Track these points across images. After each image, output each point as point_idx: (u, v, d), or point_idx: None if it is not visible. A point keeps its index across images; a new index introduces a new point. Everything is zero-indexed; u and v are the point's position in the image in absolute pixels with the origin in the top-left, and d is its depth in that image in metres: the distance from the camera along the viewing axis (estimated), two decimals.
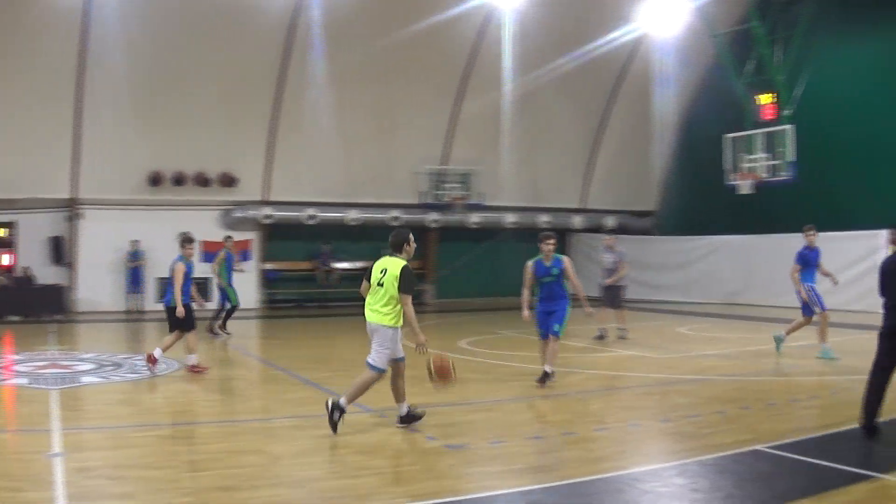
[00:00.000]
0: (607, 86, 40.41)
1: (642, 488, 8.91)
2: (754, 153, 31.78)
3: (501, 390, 15.20)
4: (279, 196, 35.45)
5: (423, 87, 36.29)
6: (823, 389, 14.88)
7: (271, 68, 33.41)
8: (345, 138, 34.99)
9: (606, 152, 41.95)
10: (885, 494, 8.45)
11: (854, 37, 33.64)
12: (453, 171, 38.08)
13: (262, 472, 9.51)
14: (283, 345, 22.26)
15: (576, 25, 36.00)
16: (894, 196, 31.26)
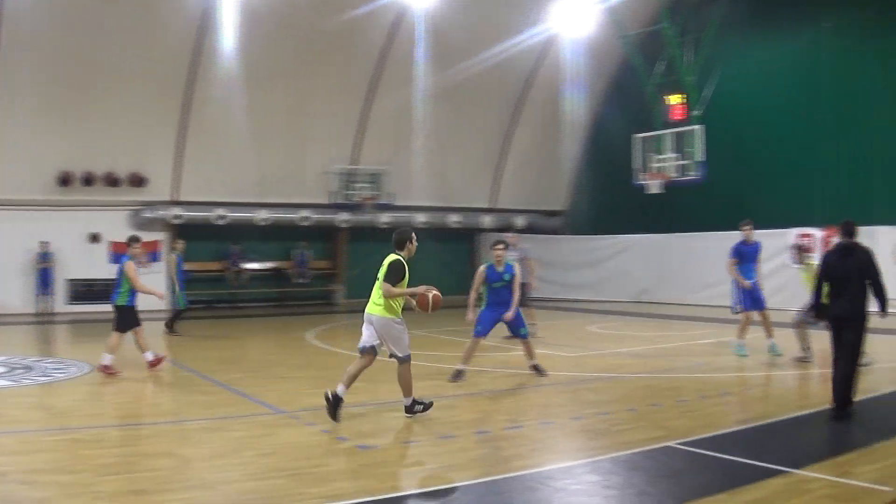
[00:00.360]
0: (518, 86, 40.48)
1: (555, 486, 8.84)
2: (663, 153, 31.93)
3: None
4: (189, 196, 34.91)
5: (334, 86, 36.02)
6: (734, 386, 14.95)
7: (182, 67, 32.87)
8: (255, 138, 34.61)
9: (516, 152, 42.02)
10: (800, 489, 8.44)
11: (763, 39, 34.04)
12: (363, 171, 37.86)
13: (175, 475, 9.33)
14: (193, 346, 21.98)
15: (487, 25, 36.01)
16: (801, 196, 31.69)
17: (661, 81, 33.22)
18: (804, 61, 32.78)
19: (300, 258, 37.40)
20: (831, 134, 31.28)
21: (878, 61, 30.09)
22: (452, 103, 38.26)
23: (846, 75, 31.17)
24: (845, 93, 31.14)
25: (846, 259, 12.35)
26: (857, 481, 8.67)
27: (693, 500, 8.17)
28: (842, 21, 31.33)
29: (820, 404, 13.12)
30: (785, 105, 33.26)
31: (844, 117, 31.13)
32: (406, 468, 9.64)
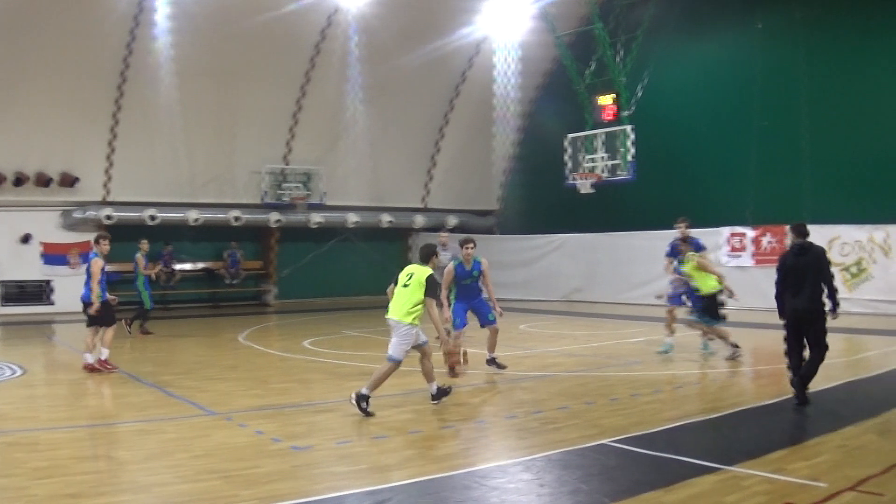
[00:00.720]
0: (450, 86, 40.52)
1: (489, 485, 8.81)
2: (594, 153, 32.06)
3: (345, 390, 15.00)
4: (120, 196, 34.53)
5: (266, 85, 35.86)
6: (666, 384, 15.03)
7: (114, 66, 32.48)
8: (186, 137, 34.37)
9: (448, 152, 42.07)
10: (734, 485, 8.48)
11: (693, 40, 34.37)
12: (295, 170, 37.73)
13: (109, 478, 9.23)
14: (125, 348, 21.81)
15: (420, 25, 36.03)
16: (732, 195, 31.97)
17: (592, 82, 33.37)
18: (734, 62, 33.12)
19: (231, 258, 37.21)
20: (761, 134, 31.56)
21: (807, 62, 30.40)
22: (385, 103, 38.26)
23: (776, 76, 31.48)
24: (775, 93, 31.46)
25: (802, 258, 12.91)
26: (791, 477, 8.74)
27: (626, 497, 8.19)
28: (771, 23, 31.67)
29: (752, 401, 13.28)
30: (715, 106, 33.58)
31: (774, 116, 31.44)
32: (340, 469, 9.57)
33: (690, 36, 34.49)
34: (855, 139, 29.68)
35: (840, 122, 30.04)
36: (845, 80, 30.06)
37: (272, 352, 21.17)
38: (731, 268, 31.26)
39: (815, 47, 30.49)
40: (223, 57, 34.00)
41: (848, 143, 29.82)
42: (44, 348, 23.27)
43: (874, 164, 29.08)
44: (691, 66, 34.79)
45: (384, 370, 13.07)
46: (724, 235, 31.58)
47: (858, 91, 29.76)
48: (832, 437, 10.66)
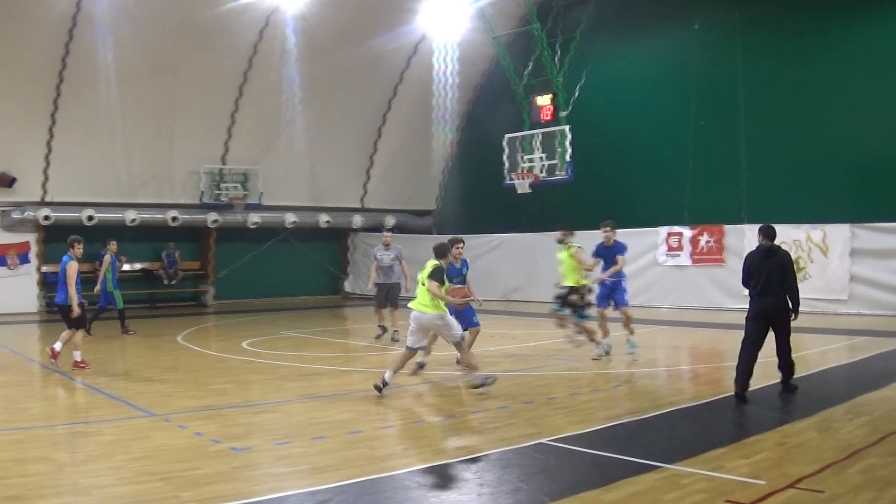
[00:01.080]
0: (388, 85, 40.47)
1: (429, 485, 8.84)
2: (532, 153, 32.15)
3: (284, 391, 14.97)
4: (58, 196, 34.15)
5: (203, 84, 35.59)
6: (605, 382, 15.10)
7: (51, 64, 32.06)
8: (124, 137, 34.10)
9: (387, 152, 42.03)
10: (674, 483, 8.52)
11: (631, 40, 34.57)
12: (233, 170, 37.55)
13: (49, 481, 9.10)
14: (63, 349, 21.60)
15: (358, 24, 35.95)
16: (670, 195, 32.17)
17: (530, 82, 33.48)
18: (672, 62, 33.33)
19: (169, 259, 36.96)
20: (698, 133, 31.77)
21: (745, 63, 30.62)
22: (323, 102, 38.17)
23: (713, 77, 31.74)
24: (712, 94, 31.70)
25: (769, 260, 13.55)
26: (731, 475, 8.79)
27: (567, 496, 8.20)
28: (709, 23, 31.93)
29: (691, 400, 13.36)
30: (653, 106, 33.81)
31: (711, 117, 31.69)
32: (280, 470, 9.52)
33: (628, 36, 34.68)
34: (792, 139, 29.97)
35: (777, 121, 30.33)
36: (783, 81, 30.33)
37: (211, 353, 21.05)
38: (669, 267, 31.48)
39: (752, 48, 30.73)
40: (162, 56, 33.69)
41: (785, 143, 30.11)
42: None
43: (811, 164, 29.37)
44: (629, 66, 34.99)
45: (466, 345, 14.97)
46: (662, 235, 31.79)
47: (796, 91, 30.04)
48: (771, 434, 10.78)
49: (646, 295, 32.17)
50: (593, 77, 32.98)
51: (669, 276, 31.73)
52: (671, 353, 20.55)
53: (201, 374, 17.74)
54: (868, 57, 28.54)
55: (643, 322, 25.62)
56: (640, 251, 32.21)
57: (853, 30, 29.02)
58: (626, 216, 32.02)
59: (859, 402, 12.89)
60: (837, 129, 29.01)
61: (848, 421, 11.50)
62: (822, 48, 29.63)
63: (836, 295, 27.79)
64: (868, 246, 27.24)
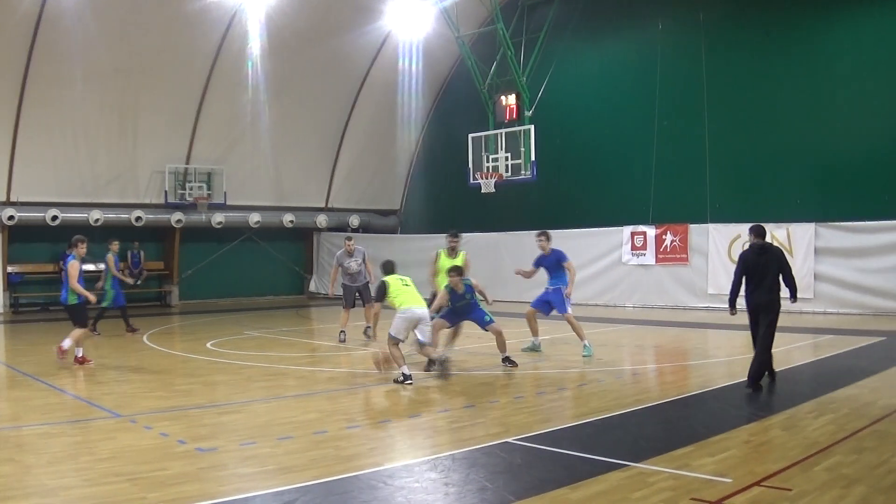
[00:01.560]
0: (352, 85, 40.45)
1: (395, 484, 8.79)
2: (497, 153, 32.17)
3: (249, 391, 14.94)
4: (21, 196, 33.97)
5: (167, 83, 35.45)
6: (571, 382, 15.12)
7: (15, 65, 31.87)
8: (88, 136, 34.09)
9: (351, 151, 42.04)
10: (641, 481, 8.54)
11: (596, 40, 34.73)
12: (197, 169, 37.45)
13: (15, 482, 9.03)
14: (29, 350, 21.47)
15: (323, 23, 35.97)
16: (635, 195, 32.33)
17: (494, 82, 33.49)
18: (636, 63, 33.50)
19: (133, 259, 36.80)
20: (662, 133, 31.96)
21: (709, 63, 30.79)
22: (287, 101, 38.17)
23: (677, 77, 31.90)
24: (676, 94, 31.87)
25: (762, 257, 14.36)
26: (697, 473, 8.83)
27: (533, 494, 8.20)
28: (673, 23, 32.11)
29: (657, 398, 13.41)
30: (617, 105, 33.95)
31: (675, 117, 31.87)
32: (246, 470, 9.48)
33: (593, 36, 34.80)
34: (756, 138, 30.13)
35: (741, 121, 30.51)
36: (746, 81, 30.51)
37: (176, 353, 20.98)
38: (634, 266, 31.57)
39: (716, 48, 30.91)
40: (126, 55, 33.54)
41: (749, 143, 30.28)
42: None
43: (775, 163, 29.55)
44: (593, 66, 35.11)
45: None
46: (627, 234, 31.90)
47: (759, 91, 30.22)
48: (738, 433, 10.81)
49: (611, 294, 32.30)
50: (558, 77, 33.08)
51: (634, 276, 31.85)
52: (636, 352, 20.61)
53: (167, 374, 17.67)
54: (832, 56, 28.75)
55: (608, 321, 25.78)
56: (604, 250, 32.41)
57: (817, 29, 29.21)
58: (590, 215, 32.24)
59: (825, 399, 12.96)
60: (801, 129, 29.19)
61: (814, 419, 11.56)
62: (786, 48, 29.78)
63: (801, 293, 27.80)
64: (832, 245, 27.45)
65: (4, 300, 34.17)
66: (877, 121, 27.78)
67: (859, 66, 28.20)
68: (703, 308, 29.14)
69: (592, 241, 32.76)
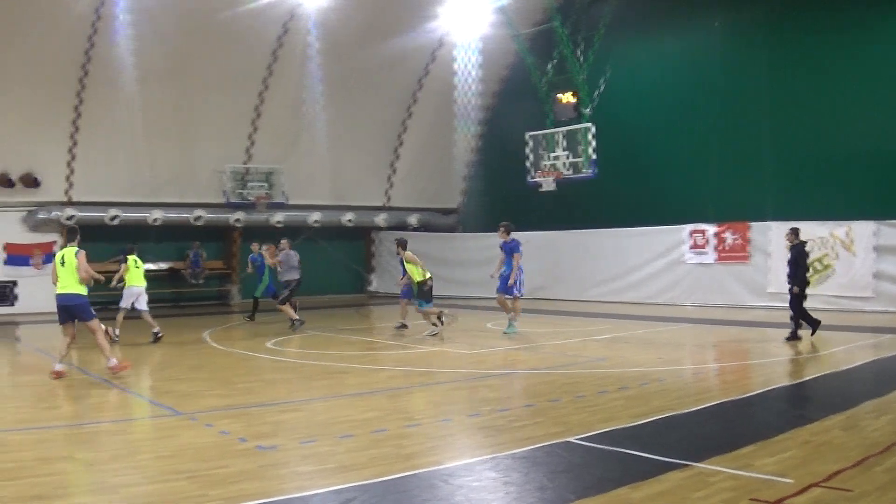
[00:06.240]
0: (411, 84, 40.51)
1: (455, 483, 8.78)
2: (556, 151, 32.08)
3: (310, 389, 14.99)
4: (82, 196, 34.28)
5: (226, 83, 35.68)
6: (632, 381, 15.00)
7: (74, 65, 32.17)
8: (147, 136, 34.18)
9: (410, 150, 42.11)
10: (701, 481, 8.47)
11: (653, 37, 34.49)
12: (256, 169, 37.63)
13: (75, 479, 9.14)
14: (89, 349, 21.64)
15: (380, 23, 36.01)
16: (694, 193, 32.13)
17: (553, 80, 33.35)
18: (694, 60, 33.24)
19: (194, 258, 37.03)
20: (722, 131, 31.78)
21: (768, 60, 30.59)
22: (346, 101, 38.20)
23: (736, 73, 31.67)
24: (735, 90, 31.66)
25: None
26: (758, 473, 8.73)
27: (593, 494, 8.16)
28: (732, 20, 31.83)
29: (718, 398, 13.31)
30: (676, 103, 33.71)
31: (735, 115, 31.65)
32: (306, 468, 9.50)
33: (651, 33, 34.61)
34: (816, 135, 29.85)
35: (801, 118, 30.21)
36: (806, 77, 30.23)
37: (236, 351, 21.05)
38: (694, 265, 31.38)
39: (775, 44, 30.64)
40: (183, 56, 33.78)
41: (809, 140, 29.99)
42: (7, 349, 23.10)
43: (835, 161, 29.23)
44: (652, 63, 34.90)
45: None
46: (687, 233, 31.70)
47: (819, 87, 29.92)
48: (798, 433, 10.67)
49: (671, 293, 32.12)
50: (616, 74, 32.95)
51: (694, 274, 31.64)
52: (697, 351, 20.47)
53: (227, 372, 17.76)
54: (893, 52, 28.40)
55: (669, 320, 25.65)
56: (664, 249, 32.26)
57: (878, 26, 28.88)
58: (650, 214, 32.06)
59: (885, 399, 12.82)
60: (862, 126, 28.86)
61: (874, 419, 11.43)
62: (846, 43, 29.44)
63: (861, 292, 27.67)
64: (893, 243, 27.12)
65: None
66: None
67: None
68: (764, 307, 28.87)
69: (653, 240, 32.61)
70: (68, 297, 16.72)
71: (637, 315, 27.21)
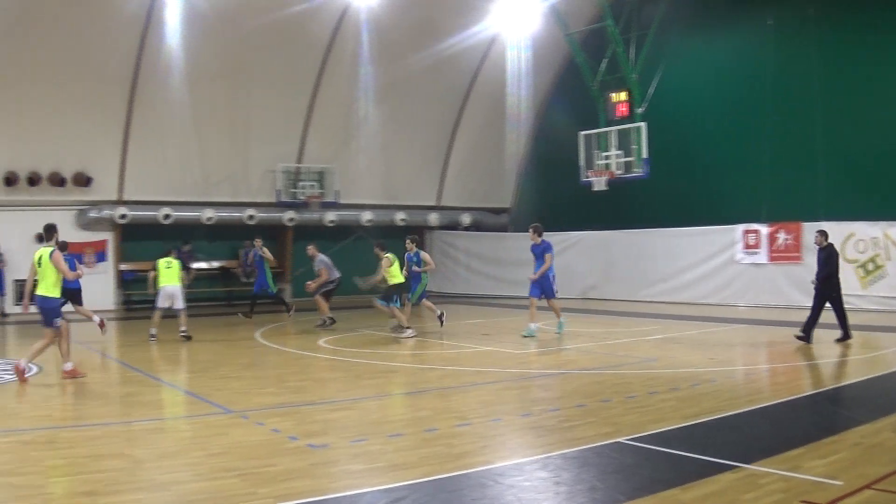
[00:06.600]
0: (462, 83, 40.55)
1: (506, 483, 8.79)
2: (608, 150, 32.01)
3: (361, 388, 15.03)
4: (134, 195, 34.57)
5: (278, 84, 35.89)
6: (683, 381, 14.93)
7: (126, 65, 32.51)
8: (199, 136, 34.48)
9: (462, 149, 42.14)
10: (751, 483, 8.44)
11: (705, 36, 34.32)
12: (309, 169, 37.78)
13: (126, 476, 9.18)
14: (141, 347, 21.80)
15: (431, 23, 36.08)
16: (746, 192, 31.93)
17: (605, 79, 33.29)
18: (747, 58, 33.06)
19: (246, 257, 37.22)
20: (774, 130, 31.56)
21: (820, 58, 30.37)
22: (397, 100, 38.30)
23: (789, 72, 31.45)
24: (788, 89, 31.45)
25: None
26: (808, 475, 8.69)
27: (644, 495, 8.16)
28: (784, 18, 31.61)
29: (769, 399, 13.24)
30: (728, 101, 33.55)
31: (787, 113, 31.43)
32: (356, 467, 9.54)
33: (702, 32, 34.45)
34: (869, 135, 29.61)
35: (854, 117, 29.98)
36: (859, 75, 30.00)
37: (288, 350, 21.12)
38: (747, 265, 31.21)
39: (827, 42, 30.44)
40: (234, 57, 34.05)
41: (862, 139, 29.77)
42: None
43: (889, 160, 28.99)
44: (704, 62, 34.73)
45: None
46: (739, 233, 31.53)
47: (872, 86, 29.71)
48: (848, 435, 10.61)
49: (723, 293, 31.95)
50: (668, 73, 32.81)
51: (747, 275, 31.46)
52: (749, 351, 20.35)
53: (279, 370, 17.85)
54: None
55: (721, 321, 25.51)
56: (717, 249, 32.12)
57: None
58: (703, 214, 31.89)
59: None
60: None
61: None
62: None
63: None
64: None
65: (117, 297, 34.75)
66: None
67: None
68: None
69: (705, 240, 32.46)
70: (40, 300, 16.61)
71: (689, 315, 27.10)
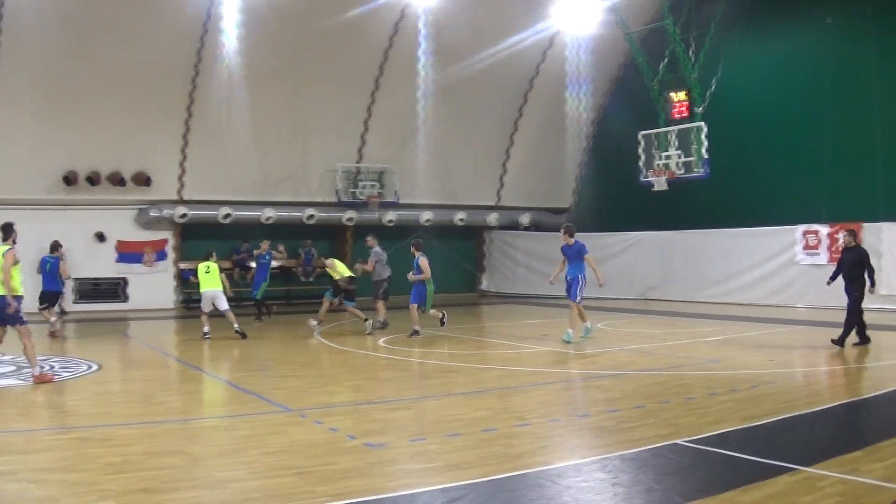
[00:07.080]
0: (522, 83, 40.50)
1: (563, 483, 8.80)
2: (668, 150, 31.91)
3: (420, 388, 15.09)
4: (194, 195, 34.89)
5: (338, 84, 36.03)
6: (743, 383, 14.85)
7: (186, 65, 32.83)
8: (259, 136, 34.74)
9: (521, 149, 42.09)
10: (810, 486, 8.41)
11: (765, 35, 34.05)
12: (368, 168, 37.91)
13: (183, 474, 9.29)
14: (200, 345, 21.98)
15: (490, 22, 36.09)
16: (806, 192, 31.70)
17: (664, 78, 33.18)
18: (806, 57, 32.80)
19: (306, 256, 37.36)
20: (834, 129, 31.29)
21: (880, 57, 30.11)
22: (456, 100, 38.33)
23: (848, 71, 31.19)
24: (848, 88, 31.18)
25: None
26: (866, 479, 8.63)
27: (701, 497, 8.15)
28: (843, 17, 31.37)
29: (828, 401, 13.17)
30: (788, 101, 33.30)
31: (847, 113, 31.15)
32: (414, 466, 9.58)
33: (762, 31, 34.21)
34: None
35: None
36: None
37: (347, 349, 21.20)
38: (807, 266, 30.97)
39: (886, 41, 30.16)
40: (293, 57, 34.32)
41: None
42: (118, 345, 23.46)
43: None
44: (763, 61, 34.49)
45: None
46: (800, 233, 31.32)
47: None
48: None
49: (783, 294, 31.73)
50: (728, 72, 32.62)
51: (807, 275, 31.22)
52: (808, 353, 20.19)
53: (337, 369, 17.94)
54: None
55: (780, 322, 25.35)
56: (777, 250, 31.91)
57: None
58: (763, 214, 31.71)
59: None
60: None
61: None
62: None
63: None
64: None
65: (177, 295, 35.05)
66: None
67: None
68: (876, 309, 28.40)
69: (765, 241, 32.27)
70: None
71: (748, 316, 26.94)
